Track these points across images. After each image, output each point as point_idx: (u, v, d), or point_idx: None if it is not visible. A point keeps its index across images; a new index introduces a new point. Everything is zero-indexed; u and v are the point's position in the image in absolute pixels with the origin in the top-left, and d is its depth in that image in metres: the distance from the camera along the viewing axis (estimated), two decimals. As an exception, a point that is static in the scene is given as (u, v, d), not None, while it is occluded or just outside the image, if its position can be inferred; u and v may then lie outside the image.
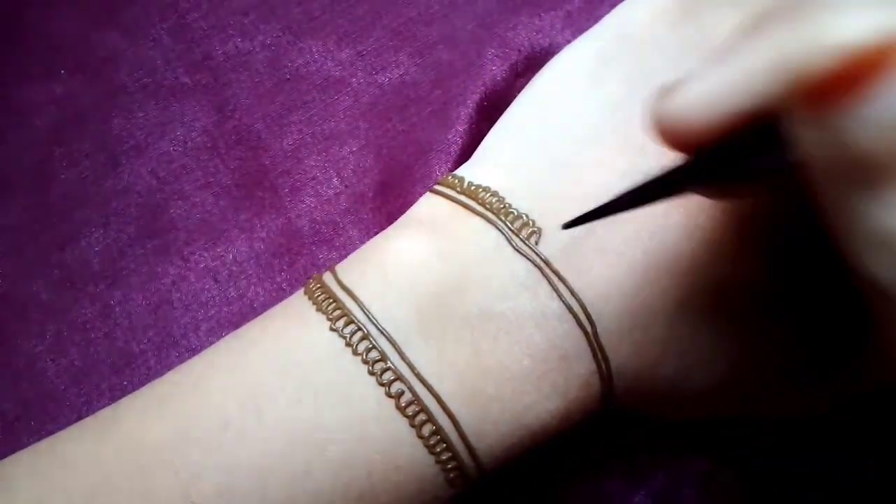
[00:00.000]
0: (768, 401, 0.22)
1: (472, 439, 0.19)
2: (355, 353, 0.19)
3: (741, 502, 0.25)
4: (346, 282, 0.20)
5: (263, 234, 0.28)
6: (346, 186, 0.28)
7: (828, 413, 0.22)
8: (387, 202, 0.28)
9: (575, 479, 0.25)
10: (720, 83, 0.13)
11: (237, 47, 0.30)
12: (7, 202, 0.28)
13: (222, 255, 0.27)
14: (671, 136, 0.14)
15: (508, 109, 0.24)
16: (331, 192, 0.28)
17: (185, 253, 0.27)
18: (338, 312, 0.20)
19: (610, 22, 0.23)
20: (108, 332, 0.26)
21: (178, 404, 0.19)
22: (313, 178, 0.28)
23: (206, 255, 0.27)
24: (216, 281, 0.27)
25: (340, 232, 0.27)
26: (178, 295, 0.27)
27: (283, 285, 0.27)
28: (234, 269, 0.27)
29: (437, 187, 0.22)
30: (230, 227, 0.28)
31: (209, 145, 0.29)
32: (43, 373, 0.26)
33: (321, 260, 0.27)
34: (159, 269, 0.27)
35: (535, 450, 0.21)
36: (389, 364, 0.19)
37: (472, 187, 0.21)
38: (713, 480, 0.25)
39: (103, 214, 0.28)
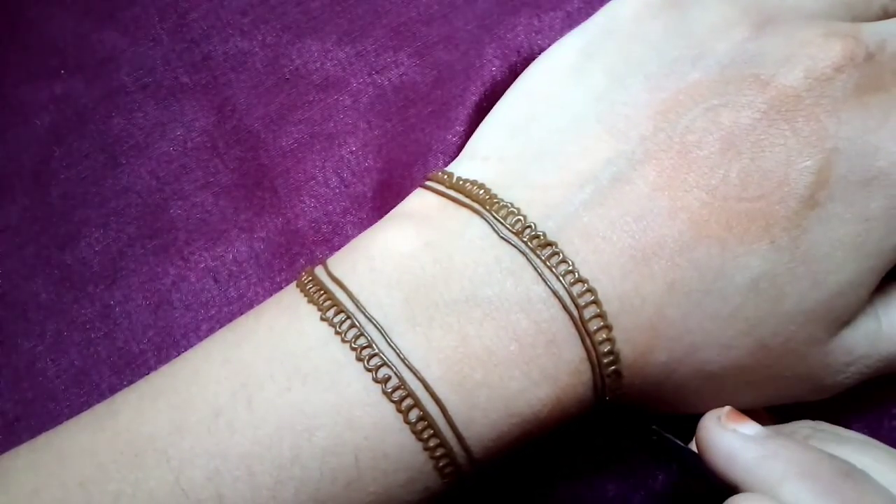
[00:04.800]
0: (769, 387, 0.22)
1: (461, 426, 0.19)
2: (343, 340, 0.19)
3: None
4: (335, 273, 0.21)
5: (263, 234, 0.28)
6: (346, 186, 0.28)
7: (838, 395, 0.22)
8: (386, 202, 0.28)
9: (574, 480, 0.25)
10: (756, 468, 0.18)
11: (237, 47, 0.30)
12: (7, 202, 0.28)
13: (222, 256, 0.27)
14: (700, 446, 0.19)
15: (497, 105, 0.24)
16: (330, 191, 0.28)
17: (185, 253, 0.27)
18: (328, 303, 0.20)
19: (597, 19, 0.24)
20: (108, 333, 0.26)
21: (173, 396, 0.20)
22: (313, 178, 0.28)
23: (205, 255, 0.27)
24: (216, 281, 0.27)
25: (340, 232, 0.28)
26: (178, 295, 0.27)
27: (283, 285, 0.27)
28: (234, 269, 0.27)
29: (428, 183, 0.23)
30: (230, 227, 0.28)
31: (209, 145, 0.29)
32: (43, 373, 0.26)
33: (320, 260, 0.27)
34: (159, 270, 0.27)
35: (531, 444, 0.21)
36: (376, 350, 0.19)
37: (461, 182, 0.22)
38: (713, 480, 0.25)
39: (103, 214, 0.28)
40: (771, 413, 0.23)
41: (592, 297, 0.19)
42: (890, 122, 0.20)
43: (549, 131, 0.22)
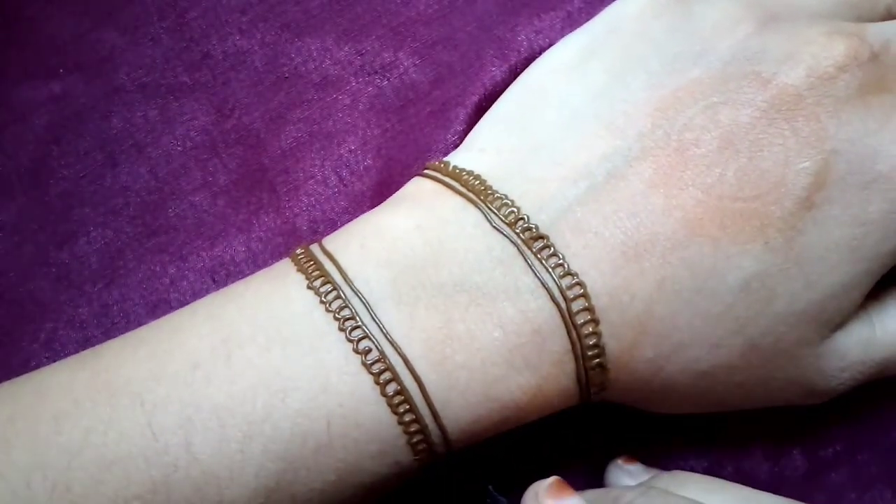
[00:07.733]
0: (760, 389, 0.22)
1: (438, 405, 0.19)
2: (328, 310, 0.20)
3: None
4: (328, 248, 0.21)
5: (262, 234, 0.28)
6: (345, 186, 0.28)
7: (829, 399, 0.22)
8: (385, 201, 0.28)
9: (572, 479, 0.25)
10: None
11: (236, 46, 0.30)
12: (5, 201, 0.28)
13: (220, 255, 0.27)
14: None
15: (498, 101, 0.24)
16: (329, 191, 0.28)
17: (184, 252, 0.27)
18: (316, 273, 0.20)
19: (601, 17, 0.24)
20: (105, 332, 0.26)
21: (154, 345, 0.20)
22: (311, 178, 0.28)
23: (204, 254, 0.27)
24: (214, 281, 0.27)
25: (339, 231, 0.27)
26: (176, 294, 0.27)
27: (282, 285, 0.27)
28: (232, 268, 0.27)
29: (425, 171, 0.23)
30: (228, 227, 0.28)
31: (208, 144, 0.29)
32: (40, 372, 0.26)
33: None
34: (157, 269, 0.27)
35: (529, 443, 0.21)
36: (359, 322, 0.19)
37: (457, 171, 0.22)
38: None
39: (101, 213, 0.28)
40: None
41: (581, 291, 0.19)
42: (891, 125, 0.20)
43: (546, 126, 0.22)
